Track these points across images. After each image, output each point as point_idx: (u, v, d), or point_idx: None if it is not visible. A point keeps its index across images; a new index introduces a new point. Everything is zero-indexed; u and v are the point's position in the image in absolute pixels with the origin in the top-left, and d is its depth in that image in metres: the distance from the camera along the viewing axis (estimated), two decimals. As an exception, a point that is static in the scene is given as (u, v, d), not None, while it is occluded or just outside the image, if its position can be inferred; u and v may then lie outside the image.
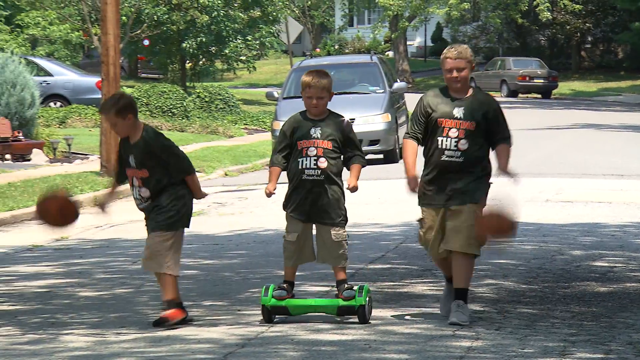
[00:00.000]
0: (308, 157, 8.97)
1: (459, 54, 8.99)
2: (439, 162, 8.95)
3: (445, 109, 8.98)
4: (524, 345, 8.25)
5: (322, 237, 9.05)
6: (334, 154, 9.01)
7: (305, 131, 9.04)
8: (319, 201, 8.98)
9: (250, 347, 8.20)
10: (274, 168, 9.11)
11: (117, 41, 22.50)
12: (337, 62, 31.95)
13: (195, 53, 46.20)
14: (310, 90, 9.01)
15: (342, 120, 9.13)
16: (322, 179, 8.96)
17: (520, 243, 13.86)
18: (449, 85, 9.06)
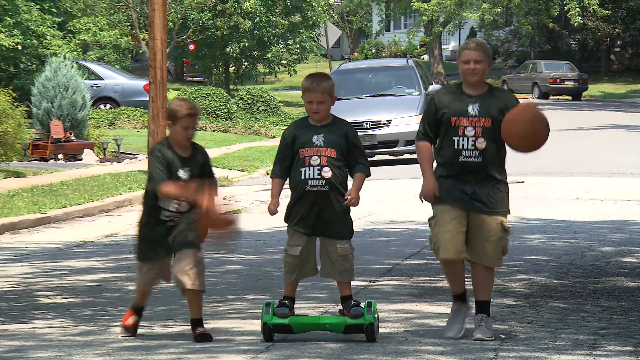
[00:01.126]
0: (311, 167, 8.09)
1: (478, 46, 8.15)
2: (457, 163, 8.08)
3: (459, 107, 8.11)
4: (555, 338, 8.22)
5: (327, 251, 8.18)
6: (339, 163, 8.12)
7: (307, 139, 8.15)
8: (324, 213, 8.11)
9: (291, 340, 8.20)
10: (276, 180, 8.29)
11: (164, 46, 22.58)
12: (374, 66, 31.95)
13: (238, 57, 46.30)
14: (310, 94, 8.15)
15: (346, 126, 8.27)
16: (327, 190, 8.09)
17: (552, 240, 13.82)
18: (464, 78, 8.18)
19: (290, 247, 8.20)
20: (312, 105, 8.17)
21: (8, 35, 35.74)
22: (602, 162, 25.36)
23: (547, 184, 20.86)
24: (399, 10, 66.69)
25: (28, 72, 36.04)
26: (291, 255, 8.18)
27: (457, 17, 58.88)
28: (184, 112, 8.24)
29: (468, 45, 8.18)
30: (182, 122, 8.25)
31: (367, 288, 10.49)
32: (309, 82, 8.18)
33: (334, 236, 8.15)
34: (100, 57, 43.79)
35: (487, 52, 8.15)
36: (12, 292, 10.93)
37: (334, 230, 8.15)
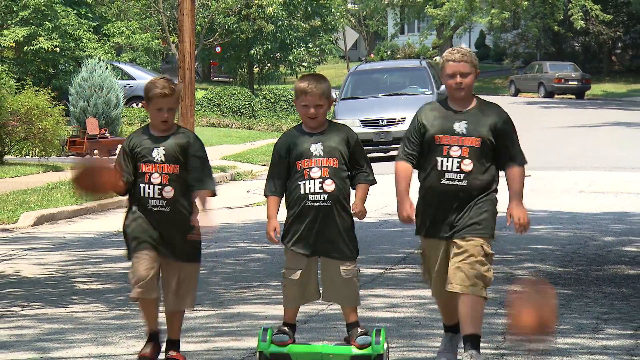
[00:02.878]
0: (312, 180, 6.77)
1: (462, 56, 6.76)
2: (438, 186, 6.69)
3: (444, 124, 6.72)
4: (560, 323, 8.19)
5: (330, 273, 6.89)
6: (343, 173, 6.84)
7: (304, 148, 6.81)
8: (326, 231, 6.81)
9: (312, 323, 8.21)
10: (272, 199, 6.90)
11: (192, 48, 22.60)
12: (389, 67, 31.92)
13: (261, 59, 46.32)
14: (306, 97, 6.84)
15: (345, 130, 6.97)
16: (330, 205, 6.78)
17: (557, 230, 13.79)
18: (450, 94, 6.80)
19: (289, 270, 6.91)
20: (308, 109, 6.84)
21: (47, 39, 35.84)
22: (604, 157, 25.28)
23: (553, 177, 20.80)
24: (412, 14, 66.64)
25: (66, 73, 36.14)
26: (290, 279, 6.89)
27: (468, 21, 58.78)
28: (156, 92, 6.85)
29: (452, 57, 6.76)
30: (155, 103, 6.85)
31: (383, 275, 10.48)
32: (305, 84, 6.87)
33: (337, 257, 6.86)
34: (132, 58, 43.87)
35: (474, 62, 6.81)
36: (51, 279, 10.96)
37: (337, 250, 6.86)
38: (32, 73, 35.59)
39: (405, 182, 6.79)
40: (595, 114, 42.77)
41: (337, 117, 26.94)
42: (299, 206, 6.84)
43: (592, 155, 25.79)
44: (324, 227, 6.83)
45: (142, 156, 6.89)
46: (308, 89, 6.86)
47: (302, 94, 6.88)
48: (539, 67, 56.41)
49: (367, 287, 9.71)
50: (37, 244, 13.83)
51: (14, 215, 15.99)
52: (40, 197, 17.76)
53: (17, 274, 11.27)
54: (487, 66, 66.41)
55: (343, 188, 6.84)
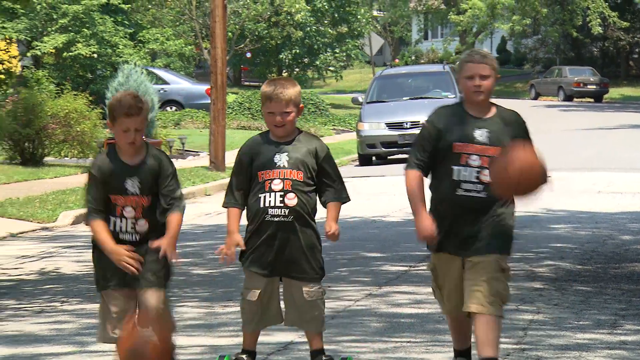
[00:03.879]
0: (272, 192, 5.97)
1: (482, 58, 6.05)
2: (454, 197, 5.95)
3: (464, 131, 5.97)
4: (579, 318, 8.16)
5: (292, 295, 6.11)
6: (307, 187, 6.02)
7: (267, 158, 6.03)
8: (287, 249, 6.01)
9: (339, 319, 8.20)
10: (232, 210, 6.09)
11: (224, 54, 22.64)
12: (414, 71, 31.90)
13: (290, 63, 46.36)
14: (271, 104, 6.01)
15: (315, 141, 6.12)
16: (291, 221, 5.98)
17: (576, 229, 13.73)
18: (467, 97, 6.05)
19: (247, 290, 6.13)
20: (274, 117, 6.01)
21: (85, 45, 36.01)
22: (621, 158, 25.15)
23: (572, 178, 20.71)
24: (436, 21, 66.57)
25: (103, 77, 36.31)
26: (249, 301, 6.12)
27: (489, 28, 58.65)
28: (121, 112, 5.96)
29: (472, 57, 6.06)
30: (120, 124, 5.98)
31: (408, 273, 10.48)
32: (270, 89, 6.02)
33: (300, 277, 6.06)
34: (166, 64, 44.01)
35: (494, 66, 6.10)
36: (89, 275, 10.99)
37: (300, 270, 6.06)
38: (71, 78, 35.77)
39: (420, 193, 5.99)
40: (613, 117, 42.56)
41: (363, 120, 26.97)
42: (258, 221, 6.03)
43: (610, 157, 25.66)
44: (284, 244, 6.01)
45: (112, 187, 5.91)
46: (273, 95, 5.99)
47: (267, 100, 6.03)
48: (558, 71, 56.20)
49: (392, 284, 9.71)
50: (76, 242, 13.89)
51: (54, 214, 16.07)
52: (78, 197, 17.84)
53: (57, 271, 11.33)
54: (508, 71, 66.18)
55: (307, 203, 6.01)
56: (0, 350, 7.45)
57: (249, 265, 6.13)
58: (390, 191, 17.99)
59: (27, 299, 9.67)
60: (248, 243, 6.10)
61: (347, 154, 28.89)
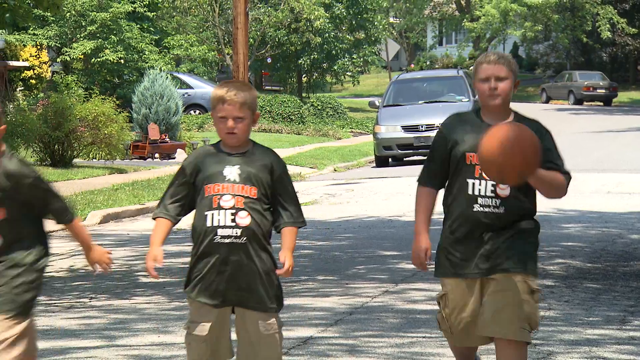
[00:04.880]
0: (222, 210, 4.94)
1: (499, 59, 5.23)
2: (470, 214, 5.16)
3: (477, 140, 5.07)
4: (589, 315, 8.13)
5: (246, 328, 5.05)
6: (262, 206, 5.00)
7: (216, 170, 5.01)
8: (241, 276, 4.98)
9: (356, 315, 8.20)
10: (160, 221, 5.10)
11: (245, 59, 22.67)
12: (429, 76, 31.86)
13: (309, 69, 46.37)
14: (223, 107, 5.01)
15: (271, 155, 5.09)
16: (245, 243, 4.96)
17: (586, 228, 13.68)
18: (483, 102, 5.26)
19: (195, 324, 5.04)
20: (225, 123, 5.00)
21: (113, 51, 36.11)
22: (630, 160, 25.06)
23: (582, 179, 20.65)
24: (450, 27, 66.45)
25: (129, 82, 36.43)
26: (197, 336, 5.04)
27: (502, 34, 58.52)
28: None
29: (487, 59, 5.26)
30: None
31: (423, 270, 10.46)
32: (222, 91, 5.04)
33: (256, 307, 5.01)
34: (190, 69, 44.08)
35: (512, 68, 5.25)
36: (116, 273, 11.04)
37: (255, 300, 5.01)
38: (99, 83, 35.89)
39: (424, 214, 5.23)
40: (622, 120, 42.39)
41: (380, 123, 26.97)
42: (206, 242, 4.97)
43: (619, 159, 25.57)
44: (237, 270, 4.97)
45: None
46: (226, 97, 5.01)
47: (219, 102, 5.03)
48: (568, 76, 56.04)
49: (408, 282, 9.70)
50: (104, 240, 13.93)
51: (82, 214, 16.13)
52: (106, 197, 17.90)
53: (86, 268, 11.36)
54: (520, 75, 65.85)
55: (262, 223, 4.98)
56: (32, 344, 7.48)
57: (196, 295, 5.01)
58: (406, 191, 17.98)
59: (57, 295, 9.70)
60: (194, 269, 5.03)
61: (365, 155, 28.91)
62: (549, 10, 56.01)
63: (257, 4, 41.81)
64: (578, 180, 20.34)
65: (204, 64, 45.19)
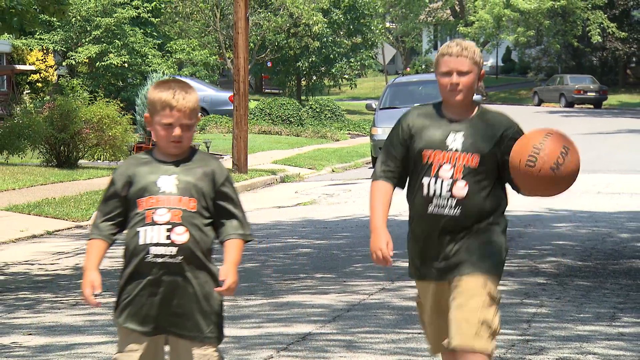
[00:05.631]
0: (156, 226, 4.28)
1: (461, 50, 4.63)
2: (425, 215, 4.64)
3: (435, 136, 4.64)
4: (580, 311, 8.13)
5: (180, 359, 4.36)
6: (202, 220, 4.34)
7: (150, 181, 4.33)
8: (176, 300, 4.31)
9: (354, 312, 8.20)
10: (95, 243, 4.45)
11: (246, 63, 22.66)
12: (424, 79, 31.84)
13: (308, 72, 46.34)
14: (172, 112, 4.28)
15: (212, 163, 4.39)
16: (181, 262, 4.30)
17: (577, 227, 13.69)
18: (444, 97, 4.71)
19: (123, 354, 4.37)
20: (170, 130, 4.29)
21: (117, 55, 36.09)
22: (619, 161, 25.07)
23: (572, 180, 20.65)
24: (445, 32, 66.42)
25: (133, 85, 36.43)
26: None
27: (495, 38, 58.54)
28: None
29: (449, 50, 4.66)
30: None
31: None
32: (168, 94, 4.28)
33: (192, 336, 4.33)
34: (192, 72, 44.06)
35: (476, 60, 4.66)
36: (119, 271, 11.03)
37: (192, 327, 4.33)
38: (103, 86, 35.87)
39: (381, 209, 4.69)
40: (612, 122, 42.41)
41: (376, 125, 26.96)
42: (137, 261, 4.32)
43: (609, 160, 25.58)
44: (171, 293, 4.29)
45: None
46: (174, 102, 4.26)
47: (166, 107, 4.27)
48: (560, 79, 56.04)
49: (404, 279, 9.70)
50: (108, 239, 13.92)
51: (87, 213, 16.12)
52: (110, 197, 17.87)
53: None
54: (513, 79, 66.01)
55: (201, 240, 4.32)
56: (39, 339, 7.49)
57: (125, 321, 4.36)
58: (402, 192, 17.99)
59: (63, 293, 9.70)
60: (123, 291, 4.37)
61: (362, 156, 28.92)
62: (541, 15, 56.01)
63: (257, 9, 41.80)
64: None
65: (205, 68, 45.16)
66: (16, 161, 23.54)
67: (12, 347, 7.09)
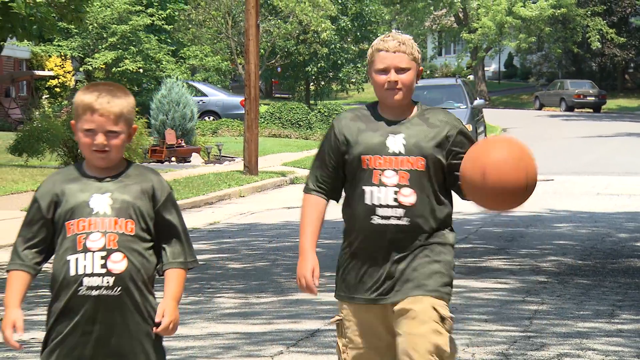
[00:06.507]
0: (88, 253, 3.57)
1: (398, 45, 3.98)
2: (369, 227, 3.97)
3: (373, 139, 4.00)
4: (580, 309, 8.12)
5: None
6: (142, 244, 3.65)
7: (80, 200, 3.61)
8: (114, 337, 3.61)
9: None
10: (16, 274, 3.64)
11: (256, 68, 22.67)
12: (429, 84, 31.83)
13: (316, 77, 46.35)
14: (92, 116, 3.60)
15: (152, 178, 3.70)
16: (119, 295, 3.60)
17: (577, 227, 13.66)
18: (381, 97, 4.04)
19: None
20: (93, 137, 3.58)
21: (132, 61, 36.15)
22: (618, 163, 25.02)
23: (573, 181, 20.62)
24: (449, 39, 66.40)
25: (148, 90, 36.46)
26: None
27: (498, 45, 58.51)
28: None
29: (386, 45, 4.00)
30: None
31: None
32: (91, 96, 3.59)
33: None
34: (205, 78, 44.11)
35: (415, 55, 4.03)
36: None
37: None
38: (119, 91, 35.91)
39: (310, 229, 4.18)
40: (610, 126, 42.32)
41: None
42: (68, 295, 3.57)
43: (608, 162, 25.53)
44: (109, 331, 3.59)
45: None
46: (96, 105, 3.57)
47: (87, 110, 3.58)
48: (560, 84, 55.97)
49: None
50: (123, 238, 13.93)
51: (104, 213, 16.12)
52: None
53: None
54: (514, 84, 65.92)
55: (142, 267, 3.64)
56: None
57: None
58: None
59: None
60: (52, 330, 3.61)
61: (368, 159, 29.05)
62: (542, 22, 55.94)
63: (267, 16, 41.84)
64: (569, 183, 20.30)
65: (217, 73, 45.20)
66: (35, 163, 23.60)
67: (31, 343, 7.12)
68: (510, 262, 10.61)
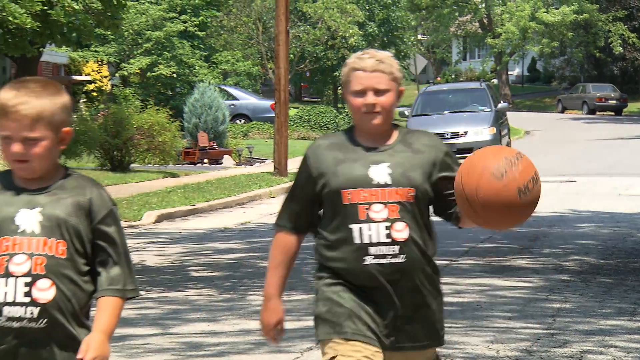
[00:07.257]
0: (11, 278, 2.92)
1: (377, 64, 3.49)
2: (360, 270, 3.44)
3: (354, 171, 3.46)
4: (602, 307, 8.07)
5: None
6: (75, 268, 2.99)
7: (5, 216, 2.97)
8: None
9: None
10: None
11: (286, 73, 22.70)
12: (454, 88, 31.77)
13: (345, 82, 46.45)
14: (7, 122, 2.93)
15: (91, 189, 3.08)
16: (45, 327, 2.94)
17: (599, 227, 13.58)
18: (358, 122, 3.53)
19: None
20: (9, 145, 2.97)
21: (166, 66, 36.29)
22: (639, 165, 24.84)
23: (595, 182, 20.49)
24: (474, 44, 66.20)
25: (181, 94, 36.58)
26: None
27: (521, 49, 58.27)
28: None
29: (363, 64, 3.52)
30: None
31: (449, 266, 10.42)
32: (9, 96, 2.94)
33: None
34: (236, 82, 44.21)
35: (395, 74, 3.51)
36: (169, 267, 11.09)
37: None
38: (154, 95, 36.08)
39: (278, 273, 3.72)
40: (632, 129, 42.01)
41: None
42: None
43: (629, 164, 25.35)
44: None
45: None
46: (10, 107, 2.94)
47: (1, 114, 2.95)
48: (582, 88, 55.65)
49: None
50: (158, 238, 14.00)
51: (139, 214, 16.22)
52: (160, 198, 17.98)
53: (142, 263, 11.43)
54: (538, 87, 65.61)
55: (74, 296, 2.99)
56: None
57: None
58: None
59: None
60: None
61: (395, 161, 29.01)
62: (565, 27, 55.64)
63: (297, 22, 41.87)
64: (591, 184, 20.17)
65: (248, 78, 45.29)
66: (73, 165, 23.74)
67: None
68: (534, 261, 10.57)
